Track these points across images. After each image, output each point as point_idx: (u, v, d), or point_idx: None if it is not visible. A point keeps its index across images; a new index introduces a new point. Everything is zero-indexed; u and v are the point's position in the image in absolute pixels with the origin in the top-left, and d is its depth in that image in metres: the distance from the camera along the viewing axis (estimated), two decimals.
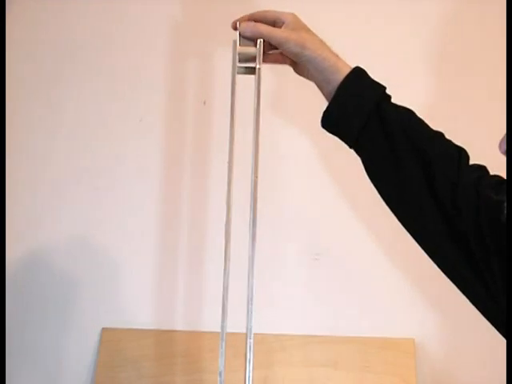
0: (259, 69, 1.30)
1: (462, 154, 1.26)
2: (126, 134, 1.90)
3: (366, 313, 1.86)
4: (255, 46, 1.30)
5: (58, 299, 1.87)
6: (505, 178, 1.16)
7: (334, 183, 1.87)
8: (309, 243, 1.87)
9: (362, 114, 1.25)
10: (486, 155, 1.89)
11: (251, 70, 1.32)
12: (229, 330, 1.46)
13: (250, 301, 1.41)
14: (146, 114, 1.90)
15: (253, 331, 1.46)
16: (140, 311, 1.86)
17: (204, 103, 1.88)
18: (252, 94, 1.33)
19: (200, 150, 1.89)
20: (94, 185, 1.89)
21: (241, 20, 1.31)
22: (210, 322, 1.81)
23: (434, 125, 1.32)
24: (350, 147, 1.29)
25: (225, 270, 1.36)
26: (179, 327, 1.83)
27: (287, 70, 1.39)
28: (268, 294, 1.79)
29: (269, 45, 1.29)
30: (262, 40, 1.29)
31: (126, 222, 1.88)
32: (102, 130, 1.90)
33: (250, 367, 1.44)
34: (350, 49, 1.35)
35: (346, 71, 1.26)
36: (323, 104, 1.35)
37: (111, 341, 1.84)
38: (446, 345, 1.85)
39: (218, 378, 1.50)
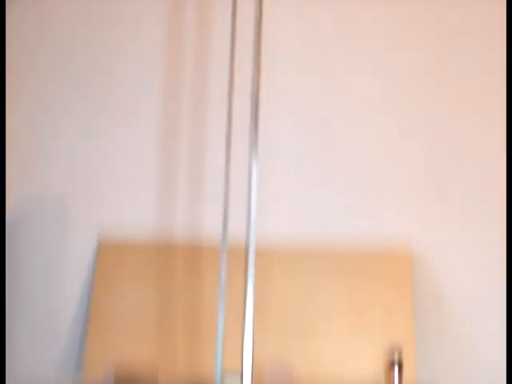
0: None
1: None
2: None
3: (364, 223, 1.89)
4: None
5: (55, 212, 1.87)
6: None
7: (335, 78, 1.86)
8: (308, 144, 1.89)
9: None
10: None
11: None
12: (228, 240, 1.46)
13: (250, 213, 1.42)
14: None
15: (254, 244, 1.47)
16: (139, 219, 1.87)
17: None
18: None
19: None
20: (94, 88, 1.89)
21: None
22: (209, 231, 1.82)
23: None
24: None
25: (225, 181, 1.36)
26: (179, 237, 1.84)
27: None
28: (266, 200, 1.80)
29: None
30: None
31: (127, 129, 1.89)
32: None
33: (251, 281, 1.46)
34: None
35: None
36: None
37: (109, 255, 1.84)
38: (443, 256, 1.88)
39: (219, 291, 1.51)
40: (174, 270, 1.82)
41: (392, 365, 1.75)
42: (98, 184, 1.92)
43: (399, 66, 1.88)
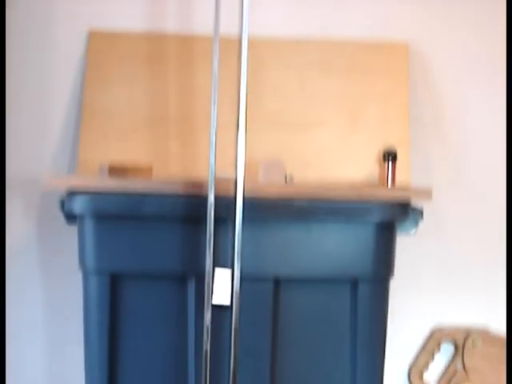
0: None
1: None
2: None
3: (361, 13, 1.87)
4: None
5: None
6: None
7: None
8: None
9: None
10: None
11: None
12: (221, 31, 1.45)
13: None
14: None
15: (246, 35, 1.45)
16: (130, 10, 1.87)
17: None
18: None
19: None
20: None
21: None
22: (202, 23, 1.81)
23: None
24: None
25: None
26: (170, 27, 1.83)
27: None
28: None
29: None
30: None
31: None
32: None
33: (244, 73, 1.44)
34: None
35: None
36: None
37: (100, 45, 1.84)
38: (440, 50, 1.87)
39: (212, 85, 1.51)
40: (166, 62, 1.80)
41: (385, 159, 1.76)
42: None
43: None
